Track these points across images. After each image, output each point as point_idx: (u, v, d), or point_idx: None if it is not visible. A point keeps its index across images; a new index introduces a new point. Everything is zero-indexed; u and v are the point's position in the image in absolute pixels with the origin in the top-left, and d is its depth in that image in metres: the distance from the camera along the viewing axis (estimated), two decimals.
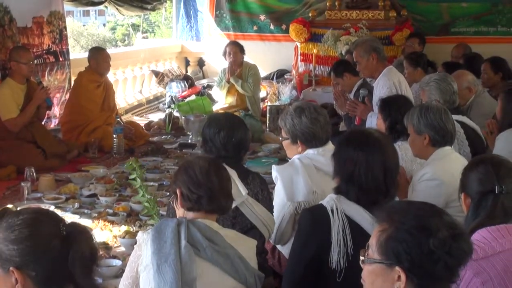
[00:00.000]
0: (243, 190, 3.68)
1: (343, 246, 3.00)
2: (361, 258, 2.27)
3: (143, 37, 30.07)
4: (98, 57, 8.19)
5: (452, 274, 2.18)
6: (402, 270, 2.14)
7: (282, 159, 6.62)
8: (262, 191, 3.98)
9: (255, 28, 12.15)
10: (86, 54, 8.54)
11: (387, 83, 6.03)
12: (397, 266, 2.15)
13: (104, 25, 42.24)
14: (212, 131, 4.00)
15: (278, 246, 4.18)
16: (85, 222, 5.10)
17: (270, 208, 3.95)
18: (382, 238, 2.18)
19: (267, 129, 8.91)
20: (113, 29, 40.27)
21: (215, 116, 4.25)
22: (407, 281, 2.14)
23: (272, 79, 11.54)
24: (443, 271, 2.14)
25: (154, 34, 35.74)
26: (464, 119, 5.44)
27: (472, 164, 3.07)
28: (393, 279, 2.16)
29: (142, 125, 9.25)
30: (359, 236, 2.95)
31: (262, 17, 12.08)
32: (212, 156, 3.85)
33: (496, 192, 2.86)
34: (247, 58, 9.56)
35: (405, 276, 2.13)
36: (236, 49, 9.30)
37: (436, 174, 4.05)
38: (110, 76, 9.43)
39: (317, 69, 10.79)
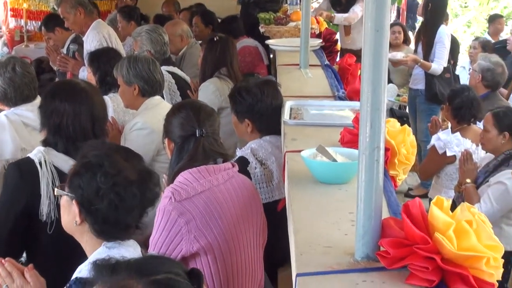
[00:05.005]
0: None
1: (53, 198, 3.00)
2: (55, 190, 2.42)
3: None
4: None
5: (123, 216, 2.31)
6: (76, 204, 2.28)
7: None
8: None
9: None
10: None
11: (96, 36, 5.99)
12: (74, 199, 2.29)
13: None
14: None
15: None
16: None
17: None
18: (70, 172, 2.31)
19: None
20: None
21: None
22: (81, 215, 2.29)
23: None
24: (110, 210, 2.27)
25: None
26: (175, 69, 5.61)
27: (173, 110, 3.19)
28: (75, 212, 2.30)
29: None
30: None
31: None
32: None
33: (197, 135, 3.00)
34: None
35: (78, 210, 2.28)
36: None
37: (147, 123, 4.14)
38: None
39: (29, 24, 10.41)
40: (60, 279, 2.39)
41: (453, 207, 1.81)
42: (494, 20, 10.87)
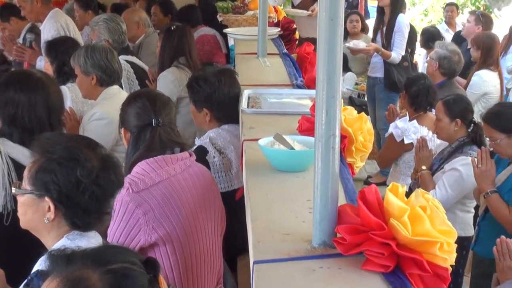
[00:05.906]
0: None
1: (9, 189, 2.95)
2: (13, 189, 2.30)
3: None
4: None
5: (102, 205, 2.28)
6: (50, 200, 2.20)
7: None
8: None
9: None
10: None
11: (54, 25, 5.92)
12: (46, 196, 2.20)
13: None
14: None
15: None
16: None
17: None
18: (34, 169, 2.23)
19: None
20: None
21: None
22: (56, 211, 2.21)
23: None
24: (91, 201, 2.23)
25: None
26: (134, 59, 5.58)
27: (129, 99, 3.17)
28: (44, 210, 2.22)
29: None
30: None
31: None
32: None
33: (153, 124, 2.99)
34: None
35: (54, 206, 2.20)
36: None
37: (105, 113, 4.12)
38: None
39: None
40: (20, 271, 2.35)
41: (410, 194, 1.84)
42: (447, 8, 11.10)
